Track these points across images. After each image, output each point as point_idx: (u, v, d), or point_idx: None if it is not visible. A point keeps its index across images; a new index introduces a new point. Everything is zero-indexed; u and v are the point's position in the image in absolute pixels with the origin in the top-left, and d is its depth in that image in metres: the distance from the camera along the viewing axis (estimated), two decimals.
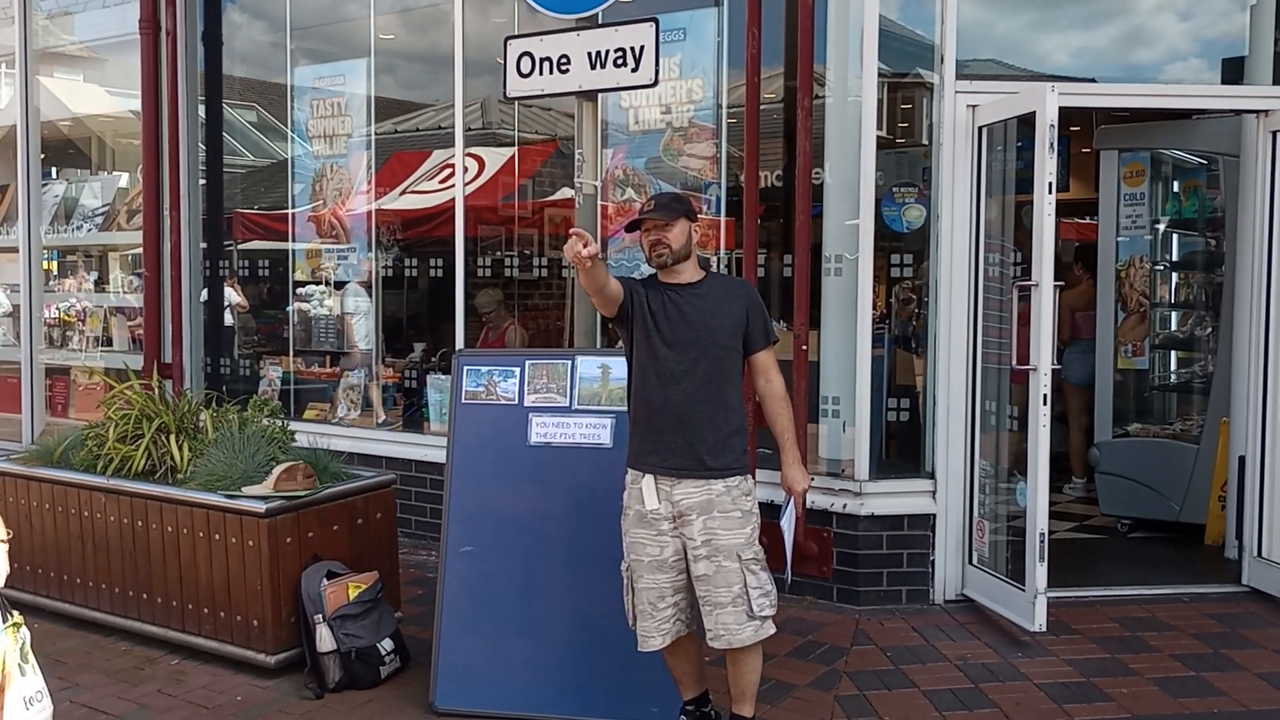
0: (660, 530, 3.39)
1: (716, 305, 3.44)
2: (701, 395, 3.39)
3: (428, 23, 7.16)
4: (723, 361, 3.42)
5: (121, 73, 7.94)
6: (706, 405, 3.39)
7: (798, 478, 3.51)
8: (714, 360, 3.41)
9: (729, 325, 3.43)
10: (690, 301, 3.42)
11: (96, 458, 4.80)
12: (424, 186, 7.36)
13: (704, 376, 3.39)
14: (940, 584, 5.10)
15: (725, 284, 3.62)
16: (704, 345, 3.40)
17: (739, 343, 3.46)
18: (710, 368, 3.40)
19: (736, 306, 3.46)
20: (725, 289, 3.53)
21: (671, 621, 3.43)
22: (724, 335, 3.42)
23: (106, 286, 8.16)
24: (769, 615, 3.38)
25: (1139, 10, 5.68)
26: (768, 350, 3.50)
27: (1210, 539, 5.92)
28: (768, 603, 3.37)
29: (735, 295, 3.50)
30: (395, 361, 7.25)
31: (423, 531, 6.15)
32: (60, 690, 4.17)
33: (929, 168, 5.26)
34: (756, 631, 3.35)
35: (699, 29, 5.81)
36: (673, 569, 3.40)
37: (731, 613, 3.33)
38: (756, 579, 3.35)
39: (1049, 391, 4.52)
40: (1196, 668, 4.31)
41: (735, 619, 3.33)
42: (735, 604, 3.32)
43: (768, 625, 3.39)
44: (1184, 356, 7.04)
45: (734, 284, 3.71)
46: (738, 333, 3.44)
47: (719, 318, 3.42)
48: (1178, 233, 7.00)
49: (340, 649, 4.16)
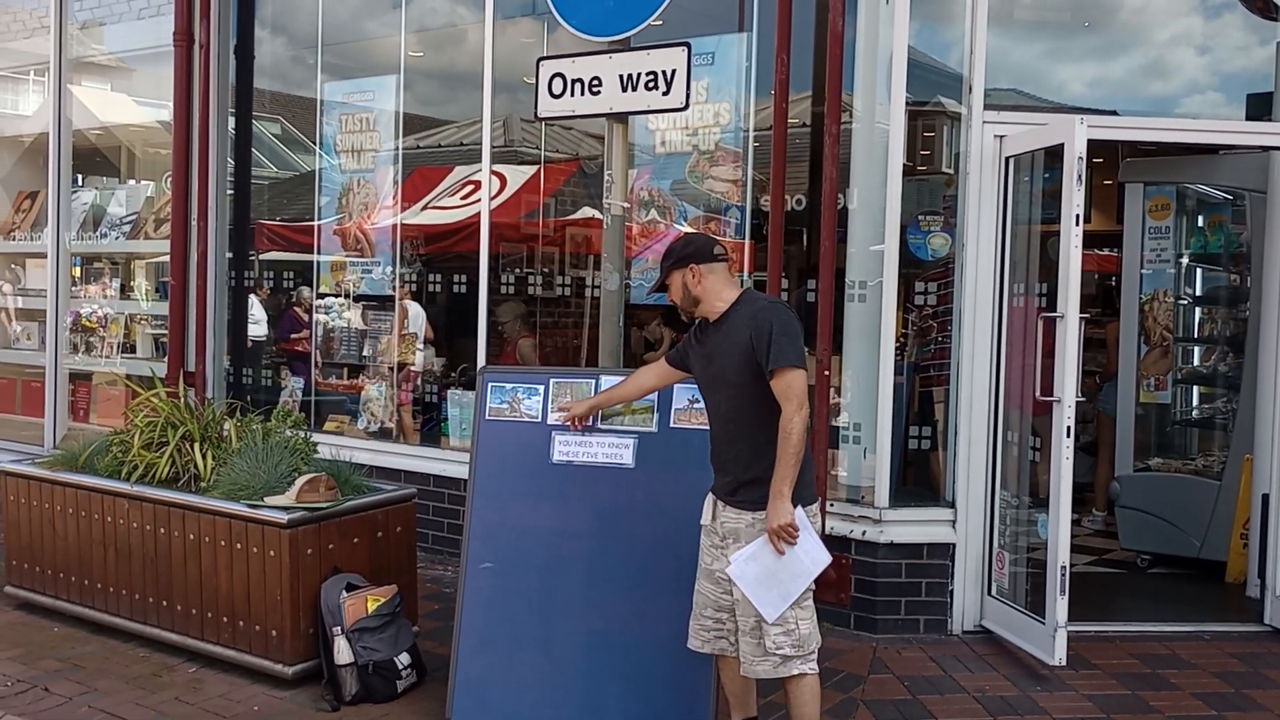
0: (713, 543, 3.46)
1: (729, 339, 3.34)
2: (724, 435, 3.41)
3: (454, 41, 7.24)
4: (738, 398, 3.33)
5: (151, 83, 8.04)
6: (730, 445, 3.39)
7: (769, 513, 3.24)
8: (730, 399, 3.36)
9: (736, 361, 3.30)
10: (714, 340, 3.41)
11: (121, 464, 4.83)
12: (445, 202, 7.41)
13: (725, 417, 3.40)
14: (959, 614, 5.07)
15: (746, 311, 3.34)
16: (720, 385, 3.39)
17: (752, 375, 3.26)
18: (729, 408, 3.38)
19: (743, 336, 3.28)
20: (743, 318, 3.32)
21: (712, 634, 3.47)
22: (732, 372, 3.32)
23: (131, 293, 8.23)
24: (792, 655, 3.31)
25: (1155, 43, 5.69)
26: (776, 376, 3.21)
27: (1231, 577, 5.87)
28: (788, 642, 3.30)
29: (745, 323, 3.29)
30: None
31: (440, 546, 6.15)
32: (79, 695, 4.20)
33: (951, 195, 5.28)
34: (775, 668, 3.32)
35: (726, 53, 5.85)
36: (718, 583, 3.42)
37: (748, 643, 3.35)
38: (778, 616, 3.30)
39: (1073, 424, 4.51)
40: (1218, 707, 4.27)
41: (751, 650, 3.34)
42: (751, 634, 3.34)
43: (791, 664, 3.32)
44: (1206, 391, 7.01)
45: (752, 311, 3.33)
46: (746, 366, 3.27)
47: (728, 353, 3.33)
48: (1202, 267, 6.99)
49: (358, 662, 4.16)
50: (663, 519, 3.95)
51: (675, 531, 3.89)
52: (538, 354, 7.15)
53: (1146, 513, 6.24)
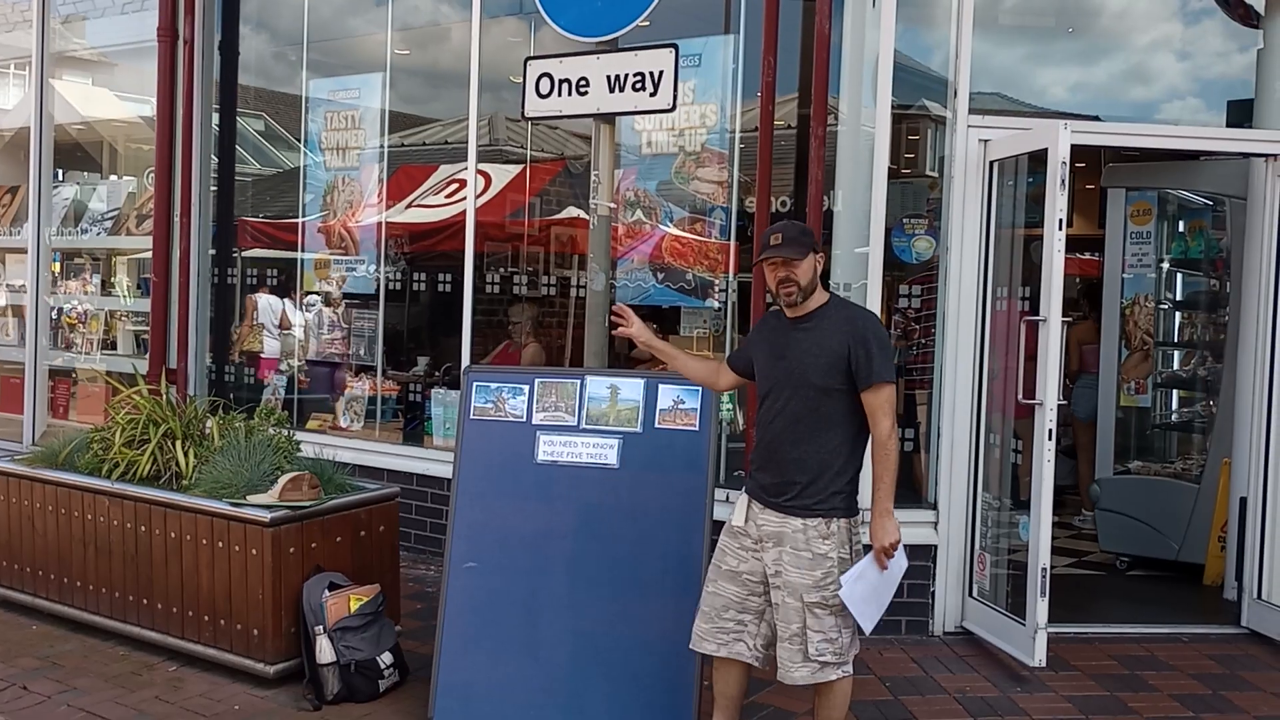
0: (744, 545, 3.43)
1: (818, 341, 3.30)
2: (788, 435, 3.34)
3: (440, 39, 7.22)
4: (815, 401, 3.29)
5: (134, 78, 7.99)
6: (793, 446, 3.33)
7: (876, 531, 3.31)
8: (804, 400, 3.31)
9: (824, 363, 3.27)
10: (795, 337, 3.35)
11: (101, 461, 4.80)
12: (430, 201, 7.39)
13: (793, 416, 3.33)
14: (940, 615, 5.10)
15: (840, 316, 3.35)
16: (795, 384, 3.32)
17: (838, 381, 3.26)
18: (800, 408, 3.32)
19: (838, 342, 3.26)
20: (836, 322, 3.32)
21: (731, 636, 3.44)
22: (816, 374, 3.28)
23: (112, 290, 8.17)
24: (831, 662, 3.30)
25: (1137, 48, 5.75)
26: (873, 390, 3.24)
27: (1209, 579, 5.93)
28: (830, 649, 3.29)
29: (841, 329, 3.29)
30: (397, 375, 7.26)
31: (422, 546, 6.14)
32: (58, 693, 4.17)
33: (935, 198, 5.30)
34: (813, 674, 3.31)
35: (713, 55, 5.85)
36: (745, 585, 3.41)
37: (788, 649, 3.34)
38: (819, 623, 3.28)
39: (1055, 426, 4.54)
40: (1196, 708, 4.31)
41: (790, 656, 3.33)
42: (792, 641, 3.32)
43: (828, 671, 3.31)
44: (1186, 396, 7.07)
45: (848, 316, 3.37)
46: (835, 370, 3.26)
47: (815, 355, 3.29)
48: (1182, 272, 7.06)
49: (340, 661, 4.15)
50: (647, 519, 3.96)
51: (660, 532, 3.91)
52: (542, 360, 7.02)
53: (1126, 515, 6.29)
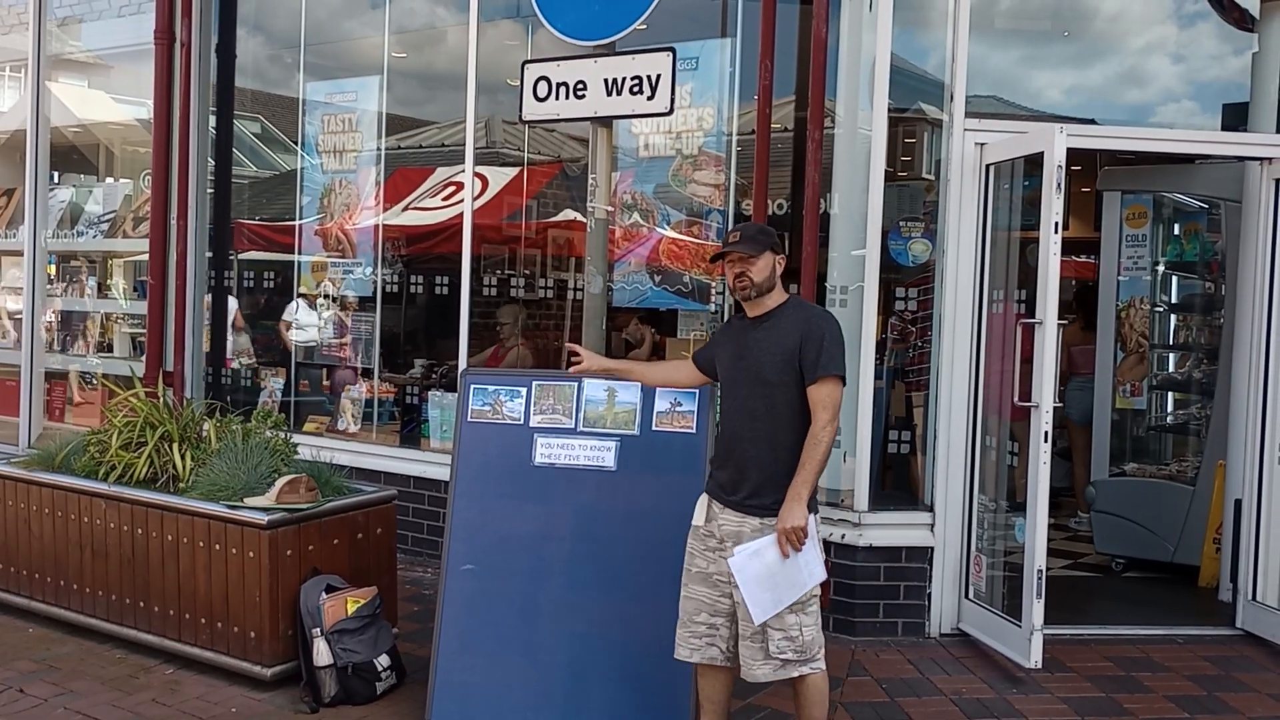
0: (709, 546, 3.44)
1: (775, 338, 3.33)
2: (746, 433, 3.36)
3: (437, 42, 7.23)
4: (770, 399, 3.31)
5: (130, 81, 7.98)
6: (751, 444, 3.34)
7: (782, 513, 3.26)
8: (761, 397, 3.33)
9: (778, 360, 3.30)
10: (755, 336, 3.38)
11: (98, 464, 4.79)
12: (426, 203, 7.40)
13: (749, 414, 3.35)
14: (936, 617, 5.11)
15: (797, 315, 3.39)
16: (752, 382, 3.35)
17: (791, 377, 3.29)
18: (756, 405, 3.34)
19: (792, 339, 3.30)
20: (794, 321, 3.35)
21: (704, 640, 3.44)
22: (771, 371, 3.31)
23: (108, 292, 8.17)
24: (793, 659, 3.31)
25: (1133, 52, 5.76)
26: (818, 383, 3.27)
27: (1204, 581, 5.94)
28: (790, 647, 3.29)
29: (797, 327, 3.32)
30: (394, 377, 7.26)
31: (419, 548, 6.14)
32: (55, 696, 4.17)
33: (932, 201, 5.32)
34: (775, 671, 3.32)
35: (710, 59, 5.87)
36: (715, 586, 3.41)
37: (749, 647, 3.34)
38: (779, 620, 3.29)
39: (1050, 429, 4.56)
40: (1191, 710, 4.32)
41: (752, 654, 3.34)
42: (754, 639, 3.33)
43: (790, 668, 3.32)
44: (1181, 398, 7.09)
45: (805, 316, 3.40)
46: (789, 366, 3.29)
47: (771, 352, 3.32)
48: (1177, 275, 7.07)
49: (337, 663, 4.15)
50: (645, 522, 3.96)
51: (657, 534, 3.91)
52: (527, 362, 7.08)
53: (1121, 517, 6.31)
